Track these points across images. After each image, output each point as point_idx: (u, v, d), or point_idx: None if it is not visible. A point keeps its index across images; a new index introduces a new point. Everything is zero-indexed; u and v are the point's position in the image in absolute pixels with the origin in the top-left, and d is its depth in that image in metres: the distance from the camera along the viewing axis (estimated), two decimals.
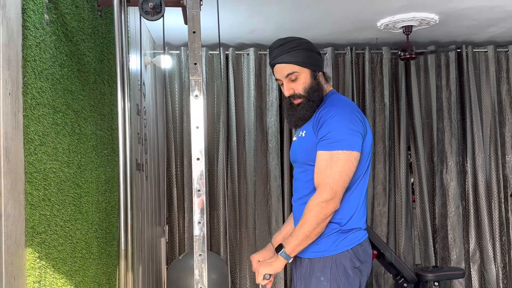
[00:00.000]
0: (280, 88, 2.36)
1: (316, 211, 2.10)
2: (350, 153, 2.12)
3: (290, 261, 2.17)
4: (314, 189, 2.19)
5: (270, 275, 2.20)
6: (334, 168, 2.11)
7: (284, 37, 2.30)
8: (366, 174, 2.25)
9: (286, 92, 2.27)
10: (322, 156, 2.14)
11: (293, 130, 2.64)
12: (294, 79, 2.23)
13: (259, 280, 2.21)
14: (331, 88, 2.36)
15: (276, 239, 2.44)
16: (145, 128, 3.88)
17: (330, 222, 2.16)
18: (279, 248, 2.18)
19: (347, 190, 2.18)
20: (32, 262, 1.74)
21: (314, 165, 2.19)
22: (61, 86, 2.05)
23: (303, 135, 2.27)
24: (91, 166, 2.40)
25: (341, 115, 2.16)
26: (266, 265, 2.18)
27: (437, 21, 4.37)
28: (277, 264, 2.17)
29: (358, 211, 2.22)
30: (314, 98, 2.24)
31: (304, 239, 2.12)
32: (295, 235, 2.14)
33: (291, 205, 5.06)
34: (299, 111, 2.25)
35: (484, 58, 5.26)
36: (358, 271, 2.20)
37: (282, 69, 2.25)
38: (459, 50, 5.23)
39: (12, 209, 1.62)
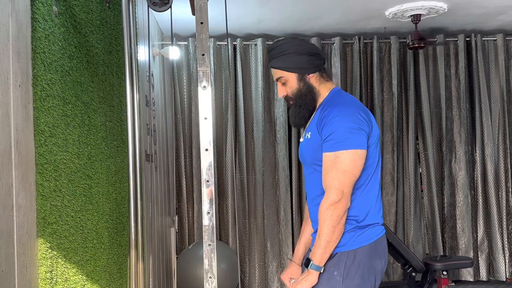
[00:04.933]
0: None
1: (328, 215, 2.11)
2: (354, 152, 2.12)
3: (322, 271, 2.18)
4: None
5: None
6: (339, 168, 2.12)
7: (277, 40, 2.42)
8: (377, 169, 2.25)
9: (279, 94, 2.38)
10: (327, 157, 2.16)
11: (301, 130, 2.70)
12: (284, 83, 2.33)
13: None
14: (333, 85, 2.35)
15: (299, 251, 2.46)
16: (154, 119, 3.90)
17: (348, 219, 2.16)
18: (307, 262, 2.19)
19: (360, 187, 2.18)
20: (44, 252, 1.76)
21: (322, 165, 2.20)
22: (71, 78, 2.06)
23: (309, 136, 2.29)
24: (101, 157, 2.42)
25: (342, 115, 2.16)
26: (302, 282, 2.19)
27: (446, 10, 4.34)
28: (312, 278, 2.17)
29: (374, 207, 2.22)
30: (301, 103, 2.30)
31: (327, 245, 2.13)
32: (318, 245, 2.15)
33: (299, 195, 5.11)
34: (292, 116, 2.35)
35: (493, 46, 5.23)
36: (373, 268, 2.19)
37: (273, 73, 2.36)
38: (468, 39, 5.20)
39: (24, 200, 1.64)
